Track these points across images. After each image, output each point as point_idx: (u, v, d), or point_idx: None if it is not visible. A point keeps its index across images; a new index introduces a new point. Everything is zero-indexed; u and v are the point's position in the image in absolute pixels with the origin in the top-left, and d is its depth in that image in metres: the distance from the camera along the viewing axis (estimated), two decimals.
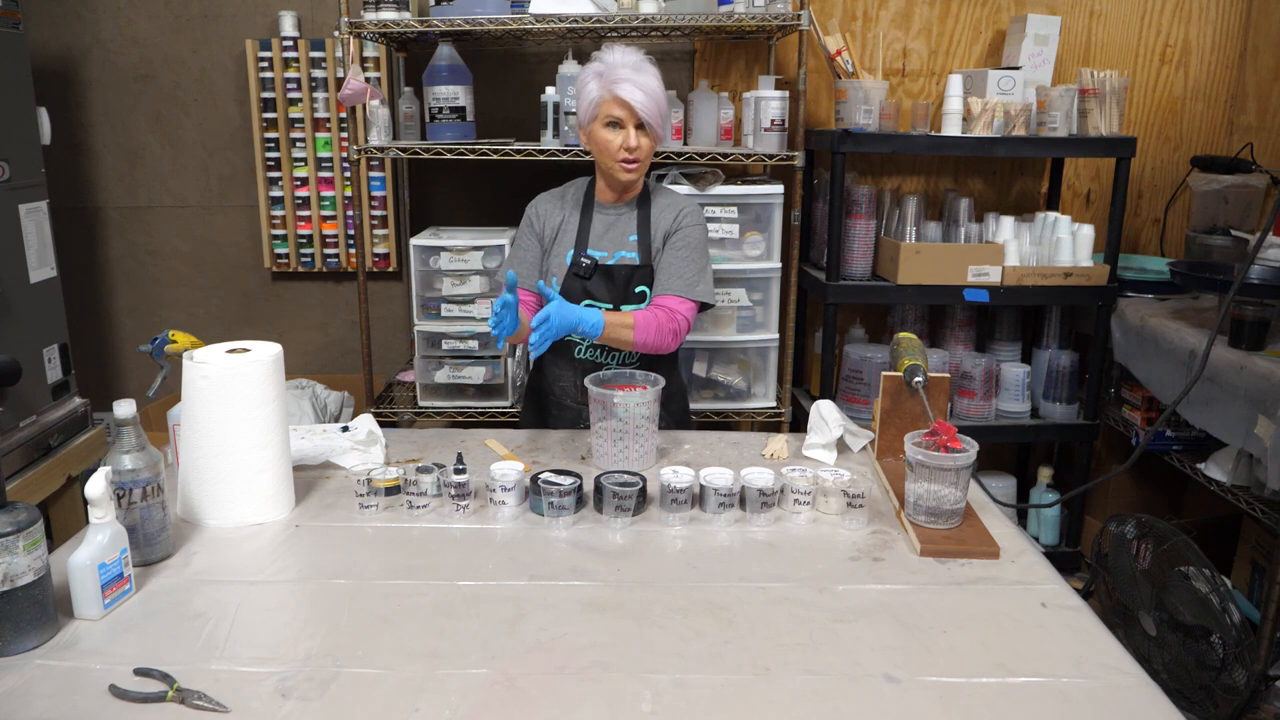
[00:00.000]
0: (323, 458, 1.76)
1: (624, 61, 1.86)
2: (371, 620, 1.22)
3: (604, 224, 1.99)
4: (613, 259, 1.96)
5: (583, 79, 1.91)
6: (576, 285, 1.95)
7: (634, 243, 1.97)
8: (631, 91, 1.83)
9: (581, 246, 1.97)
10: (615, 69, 1.85)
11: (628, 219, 1.99)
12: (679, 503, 1.51)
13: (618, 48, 1.89)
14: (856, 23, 3.10)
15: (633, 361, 1.99)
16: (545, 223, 2.01)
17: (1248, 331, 2.35)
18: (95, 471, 1.22)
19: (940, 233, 2.92)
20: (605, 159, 1.92)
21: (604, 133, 1.88)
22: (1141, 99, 3.18)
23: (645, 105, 1.84)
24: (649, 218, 1.98)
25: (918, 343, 1.75)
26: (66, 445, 2.51)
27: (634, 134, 1.87)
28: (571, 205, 2.02)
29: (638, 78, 1.84)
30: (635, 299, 1.95)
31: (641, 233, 1.97)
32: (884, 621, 1.23)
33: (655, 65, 1.90)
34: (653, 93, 1.86)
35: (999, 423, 2.96)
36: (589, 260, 1.94)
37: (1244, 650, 2.08)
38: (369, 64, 3.07)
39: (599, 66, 1.88)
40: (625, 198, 2.00)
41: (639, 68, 1.86)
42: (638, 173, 1.93)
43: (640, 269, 1.95)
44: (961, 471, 1.44)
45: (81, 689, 1.07)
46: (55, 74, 3.12)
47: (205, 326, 3.30)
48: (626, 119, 1.86)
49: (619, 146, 1.87)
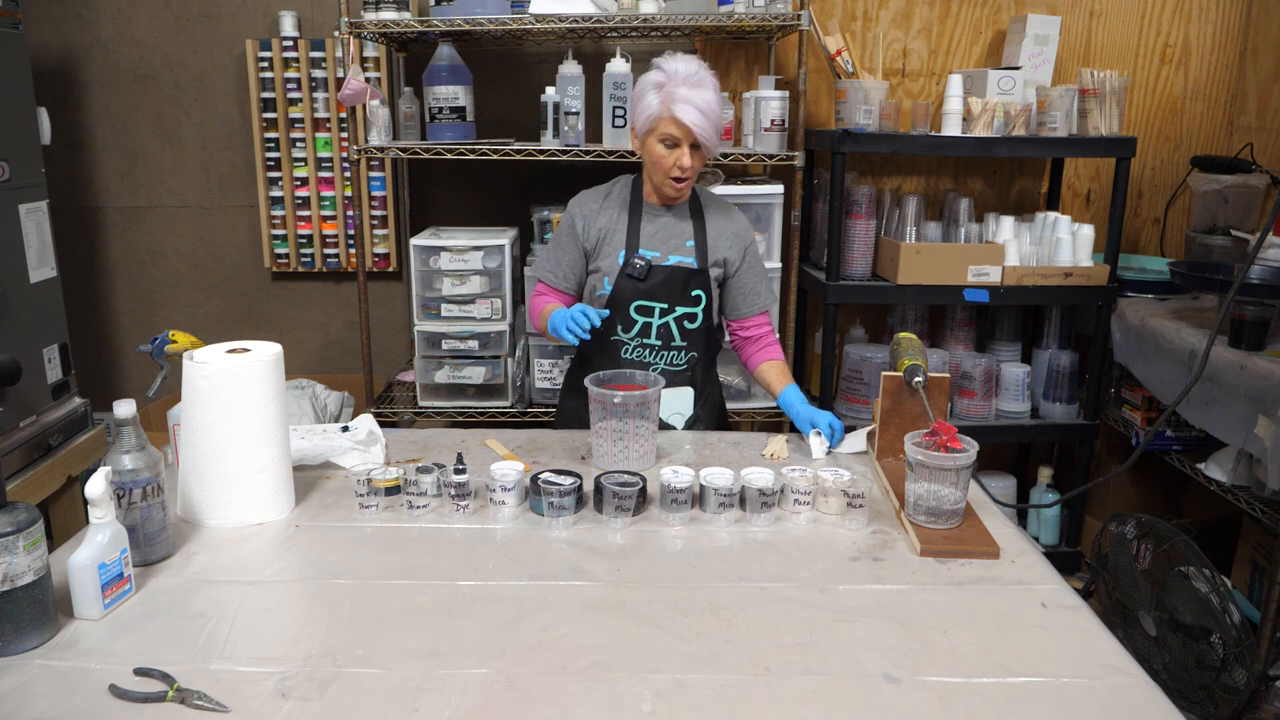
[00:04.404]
0: (323, 458, 1.76)
1: (684, 75, 1.82)
2: (371, 620, 1.22)
3: (655, 225, 1.99)
4: (667, 260, 1.96)
5: (641, 87, 1.88)
6: (629, 286, 1.94)
7: (691, 248, 1.97)
8: (689, 113, 1.80)
9: (633, 248, 1.96)
10: (675, 84, 1.81)
11: (681, 223, 1.99)
12: (679, 503, 1.51)
13: (679, 56, 1.86)
14: (856, 23, 3.10)
15: (680, 365, 2.00)
16: (589, 224, 2.00)
17: (1248, 331, 2.35)
18: (95, 471, 1.22)
19: (940, 233, 2.92)
20: (656, 173, 1.91)
21: (658, 148, 1.87)
22: (1141, 99, 3.18)
23: (702, 127, 1.82)
24: (705, 227, 1.99)
25: (918, 343, 1.75)
26: (66, 445, 2.51)
27: (688, 154, 1.85)
28: (619, 205, 2.01)
29: (696, 95, 1.81)
30: (691, 302, 1.96)
31: (699, 239, 1.97)
32: (884, 621, 1.23)
33: (713, 75, 1.87)
34: (710, 110, 1.82)
35: (999, 423, 2.96)
36: (643, 261, 1.93)
37: (1244, 650, 2.08)
38: (369, 64, 3.07)
39: (659, 77, 1.84)
40: (675, 201, 2.00)
41: (698, 81, 1.82)
42: (687, 189, 1.93)
43: (698, 274, 1.95)
44: (961, 471, 1.44)
45: (81, 689, 1.07)
46: (55, 74, 3.12)
47: (205, 326, 3.30)
48: (683, 138, 1.84)
49: (672, 164, 1.86)
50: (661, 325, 1.96)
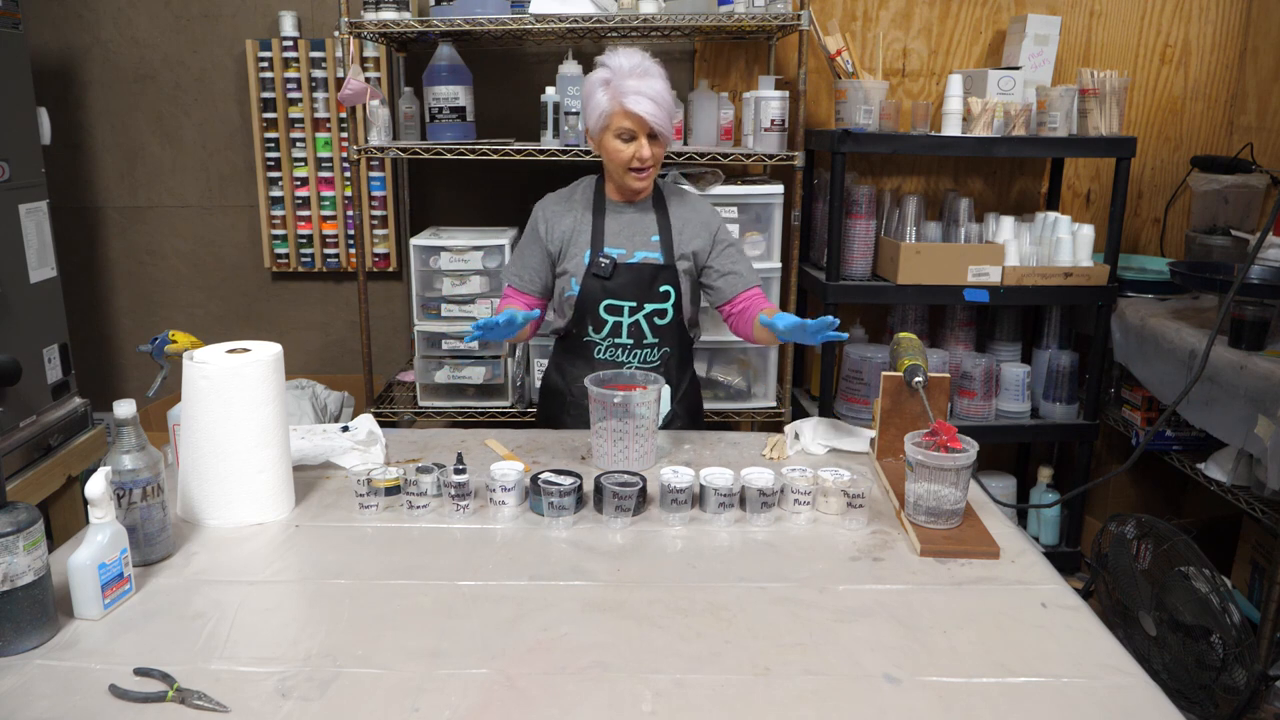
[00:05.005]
0: (323, 458, 1.76)
1: (630, 68, 1.83)
2: (371, 620, 1.22)
3: (619, 223, 1.98)
4: (633, 257, 1.95)
5: (589, 87, 1.88)
6: (596, 286, 1.94)
7: (656, 243, 1.96)
8: (641, 103, 1.81)
9: (598, 247, 1.95)
10: (621, 78, 1.82)
11: (646, 218, 1.98)
12: (679, 503, 1.51)
13: (620, 51, 1.87)
14: (856, 23, 3.10)
15: (653, 362, 1.99)
16: (553, 226, 2.00)
17: (1248, 331, 2.35)
18: (95, 471, 1.22)
19: (940, 233, 2.92)
20: (616, 169, 1.91)
21: (614, 143, 1.87)
22: (1141, 99, 3.18)
23: (655, 115, 1.83)
24: (669, 221, 1.97)
25: (918, 343, 1.75)
26: (66, 445, 2.51)
27: (646, 144, 1.86)
28: (582, 206, 2.00)
29: (645, 85, 1.82)
30: (659, 298, 1.95)
31: (664, 234, 1.96)
32: (884, 621, 1.23)
33: (659, 64, 1.88)
34: (661, 99, 1.83)
35: (999, 423, 2.96)
36: (608, 259, 1.93)
37: (1244, 650, 2.08)
38: (369, 64, 3.07)
39: (605, 74, 1.85)
40: (638, 197, 1.99)
41: (645, 72, 1.84)
42: (649, 179, 1.92)
43: (665, 269, 1.94)
44: (961, 471, 1.44)
45: (81, 689, 1.07)
46: (55, 74, 3.12)
47: (205, 326, 3.30)
48: (638, 130, 1.85)
49: (631, 156, 1.87)
50: (632, 324, 1.95)
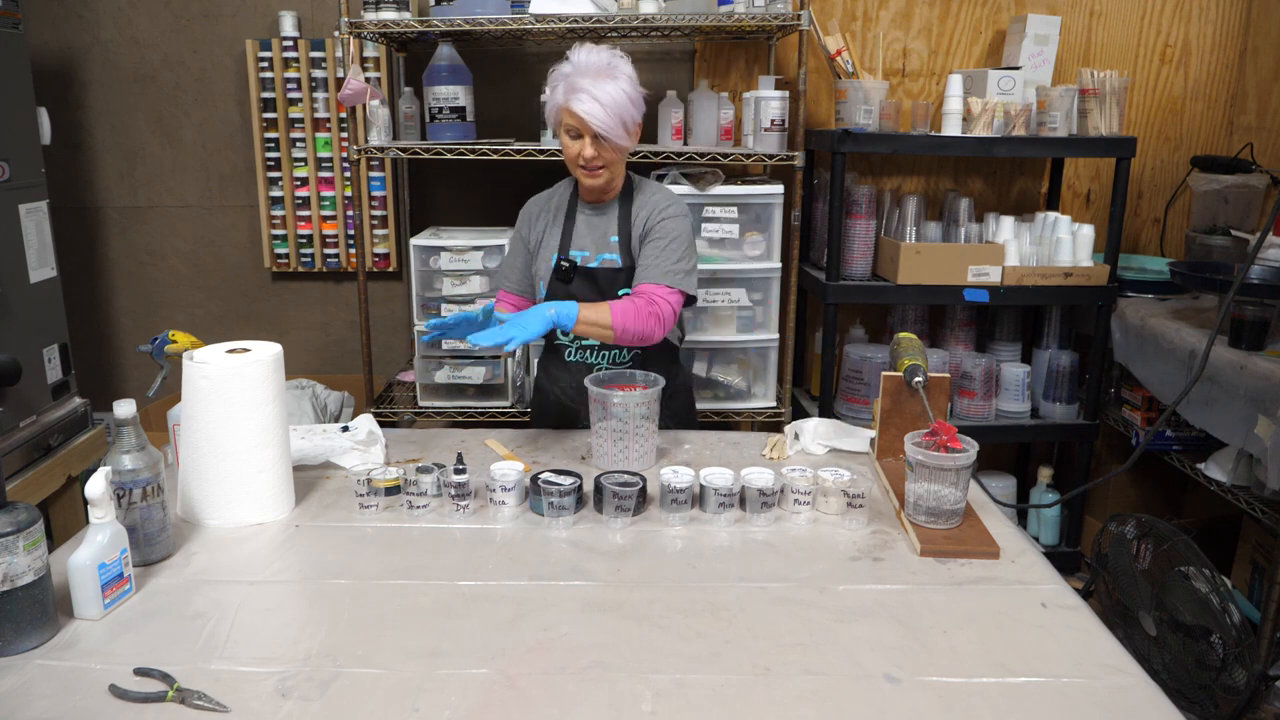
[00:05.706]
0: (323, 458, 1.76)
1: (588, 67, 1.78)
2: (371, 620, 1.22)
3: (587, 224, 1.97)
4: (595, 261, 1.94)
5: (552, 79, 1.85)
6: (560, 289, 1.93)
7: (615, 244, 1.94)
8: (583, 103, 1.76)
9: (564, 249, 1.94)
10: (578, 75, 1.78)
11: (607, 221, 1.95)
12: (679, 503, 1.51)
13: (588, 48, 1.82)
14: (856, 23, 3.10)
15: (624, 362, 1.97)
16: (530, 228, 2.01)
17: (1248, 331, 2.35)
18: (95, 471, 1.22)
19: (940, 233, 2.92)
20: (569, 164, 1.90)
21: (564, 138, 1.85)
22: (1141, 99, 3.18)
23: (596, 117, 1.76)
24: (629, 215, 1.93)
25: (918, 343, 1.75)
26: (66, 445, 2.51)
27: (589, 145, 1.81)
28: (556, 208, 2.00)
29: (598, 87, 1.76)
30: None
31: (623, 235, 1.93)
32: (884, 621, 1.23)
33: (628, 65, 1.83)
34: (613, 103, 1.77)
35: (999, 423, 2.96)
36: (569, 262, 1.92)
37: (1244, 650, 2.08)
38: (369, 64, 3.07)
39: (566, 68, 1.82)
40: (606, 197, 1.96)
41: (602, 73, 1.78)
42: (602, 179, 1.87)
43: (623, 271, 1.92)
44: (961, 471, 1.44)
45: (81, 689, 1.07)
46: (55, 74, 3.12)
47: (205, 326, 3.30)
48: (581, 129, 1.81)
49: (576, 154, 1.84)
50: None
